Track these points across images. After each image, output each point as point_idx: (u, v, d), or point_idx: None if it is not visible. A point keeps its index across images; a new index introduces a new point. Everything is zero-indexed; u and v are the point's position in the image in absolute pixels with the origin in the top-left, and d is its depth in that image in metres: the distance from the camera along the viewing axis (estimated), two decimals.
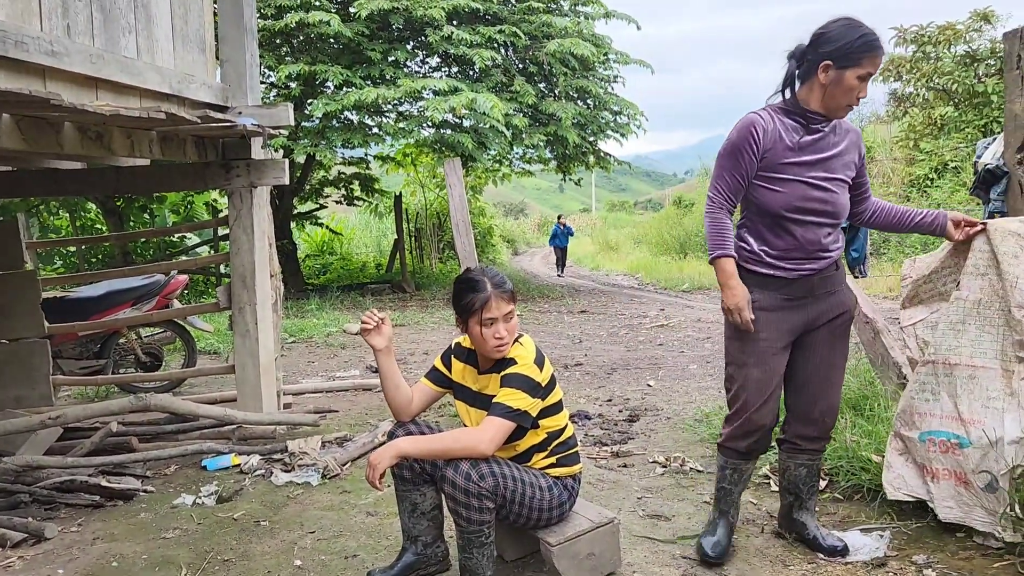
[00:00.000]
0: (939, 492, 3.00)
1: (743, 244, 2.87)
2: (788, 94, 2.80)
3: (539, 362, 2.71)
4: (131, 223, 12.81)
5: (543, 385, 2.68)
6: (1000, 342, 2.87)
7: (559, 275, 20.31)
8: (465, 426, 2.84)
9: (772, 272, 2.80)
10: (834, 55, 2.63)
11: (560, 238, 20.92)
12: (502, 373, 2.68)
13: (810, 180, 2.73)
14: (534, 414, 2.66)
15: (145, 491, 4.00)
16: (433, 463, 2.77)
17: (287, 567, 3.07)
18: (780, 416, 3.00)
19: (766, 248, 2.81)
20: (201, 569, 3.08)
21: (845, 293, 2.91)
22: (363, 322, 2.80)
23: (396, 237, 16.49)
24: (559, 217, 22.45)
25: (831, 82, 2.65)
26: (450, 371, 2.92)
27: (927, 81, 14.58)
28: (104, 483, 3.92)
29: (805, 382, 2.90)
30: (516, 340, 2.75)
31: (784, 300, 2.81)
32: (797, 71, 2.77)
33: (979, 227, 2.92)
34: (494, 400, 2.64)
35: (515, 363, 2.67)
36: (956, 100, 14.39)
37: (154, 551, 3.26)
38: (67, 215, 13.26)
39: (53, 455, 4.28)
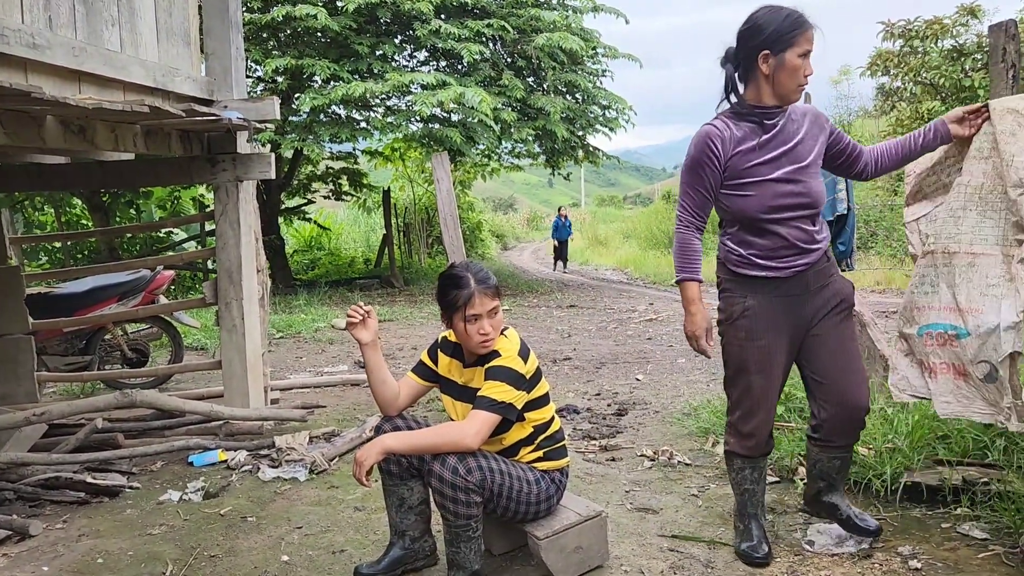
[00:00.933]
0: (937, 388, 2.94)
1: (730, 251, 2.84)
2: (734, 99, 2.77)
3: (523, 354, 2.70)
4: (117, 218, 12.71)
5: (528, 377, 2.68)
6: (1001, 227, 2.77)
7: (563, 271, 19.89)
8: (451, 420, 2.84)
9: (765, 273, 2.76)
10: (768, 43, 2.62)
11: (561, 230, 20.20)
12: (486, 366, 2.67)
13: (779, 176, 2.69)
14: (519, 406, 2.66)
15: (131, 487, 3.97)
16: (420, 457, 2.76)
17: (274, 563, 3.06)
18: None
19: (753, 251, 2.76)
20: (187, 565, 3.07)
21: (840, 282, 2.87)
22: (349, 316, 2.79)
23: (384, 232, 16.44)
24: (560, 209, 21.35)
25: (774, 69, 2.63)
26: (436, 365, 2.92)
27: (914, 75, 14.63)
28: (89, 480, 3.90)
29: (826, 377, 2.82)
30: (501, 333, 2.75)
31: (780, 299, 2.77)
32: (736, 74, 2.76)
33: (983, 112, 2.83)
34: (478, 393, 2.63)
35: (499, 356, 2.67)
36: (943, 94, 14.43)
37: (140, 547, 3.24)
38: (52, 211, 13.14)
39: (38, 452, 4.25)
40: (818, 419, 2.89)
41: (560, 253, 20.41)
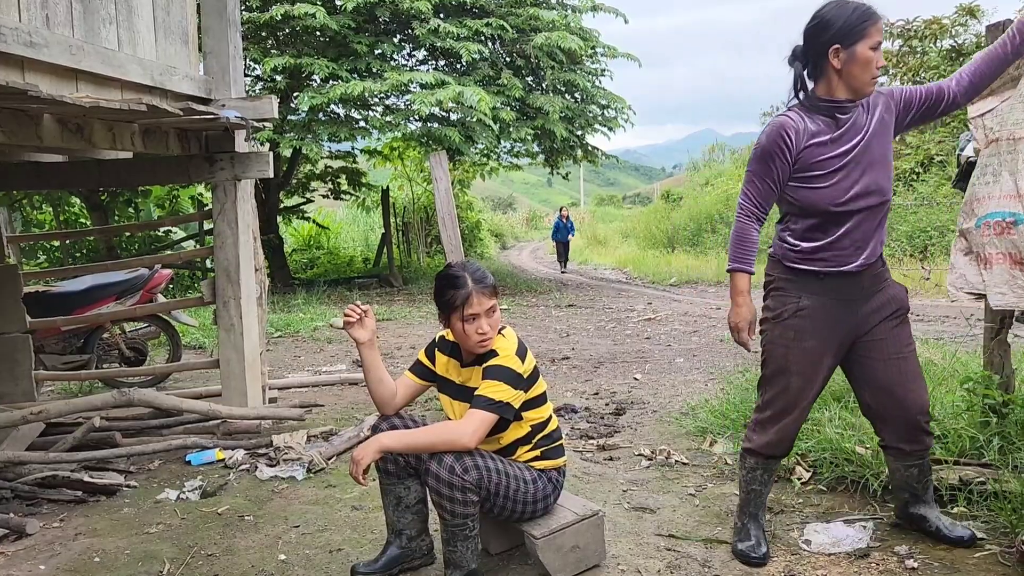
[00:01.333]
0: (992, 280, 2.91)
1: (790, 247, 2.78)
2: (804, 96, 2.74)
3: (521, 354, 2.70)
4: (115, 217, 12.70)
5: (525, 377, 2.68)
6: None
7: (562, 271, 19.60)
8: (449, 419, 2.83)
9: (826, 268, 2.71)
10: (838, 37, 2.58)
11: (562, 231, 19.90)
12: (484, 365, 2.67)
13: (851, 171, 2.65)
14: (517, 406, 2.66)
15: (128, 486, 3.97)
16: (417, 456, 2.76)
17: (271, 561, 3.06)
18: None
19: (817, 244, 2.71)
20: (184, 564, 3.06)
21: (895, 288, 2.81)
22: (346, 315, 2.79)
23: (383, 231, 16.44)
24: (561, 209, 20.84)
25: (845, 63, 2.59)
26: (434, 364, 2.92)
27: (913, 75, 14.66)
28: (87, 478, 3.89)
29: (885, 384, 2.78)
30: (499, 332, 2.75)
31: (835, 302, 2.73)
32: (805, 71, 2.72)
33: None
34: (476, 392, 2.63)
35: (496, 355, 2.67)
36: None
37: (137, 546, 3.24)
38: (51, 209, 13.14)
39: (35, 450, 4.25)
40: (882, 429, 2.87)
41: (562, 254, 20.15)
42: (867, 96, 2.68)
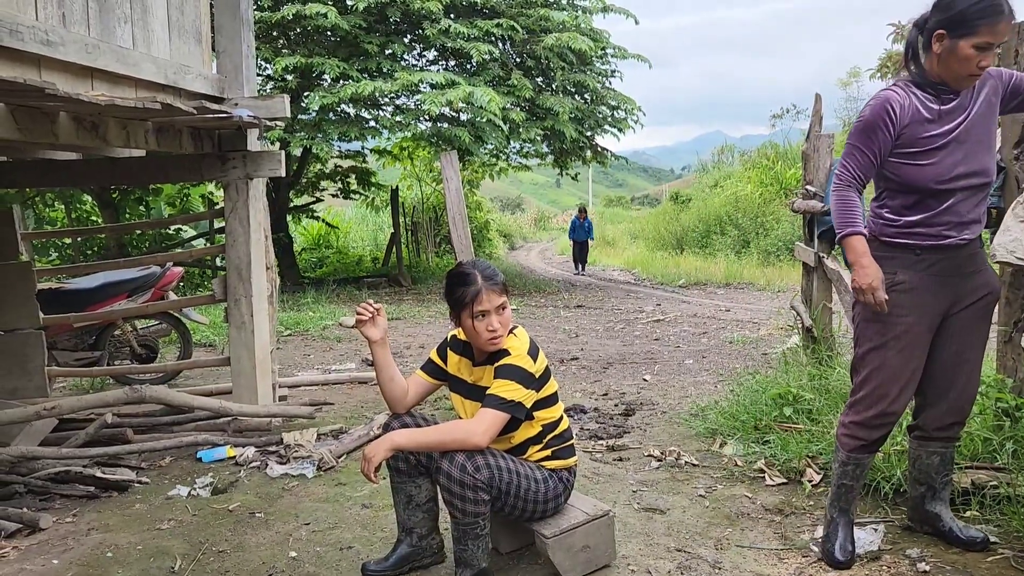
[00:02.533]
0: None
1: (887, 222, 2.75)
2: (914, 67, 2.70)
3: (533, 353, 2.70)
4: (127, 215, 12.75)
5: (537, 376, 2.68)
6: None
7: (578, 273, 18.70)
8: (460, 418, 2.84)
9: (925, 242, 2.68)
10: (948, 23, 2.52)
11: (579, 231, 18.97)
12: (496, 364, 2.68)
13: (953, 149, 2.61)
14: (528, 405, 2.66)
15: (140, 482, 3.99)
16: (429, 455, 2.77)
17: (282, 558, 3.07)
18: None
19: (916, 219, 2.68)
20: (196, 560, 3.08)
21: (990, 273, 2.78)
22: (358, 313, 2.79)
23: (392, 231, 16.45)
24: (581, 210, 19.54)
25: (944, 52, 2.55)
26: (446, 363, 2.92)
27: None
28: (99, 474, 3.92)
29: (943, 366, 2.77)
30: (510, 332, 2.75)
31: (931, 278, 2.70)
32: (919, 41, 2.67)
33: None
34: (488, 392, 2.64)
35: (508, 354, 2.67)
36: None
37: (149, 542, 3.26)
38: (63, 207, 13.19)
39: (48, 446, 4.27)
40: (922, 409, 2.85)
41: (578, 255, 19.24)
42: (961, 88, 2.63)
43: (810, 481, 3.61)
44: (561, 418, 2.86)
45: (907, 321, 2.71)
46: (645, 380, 6.34)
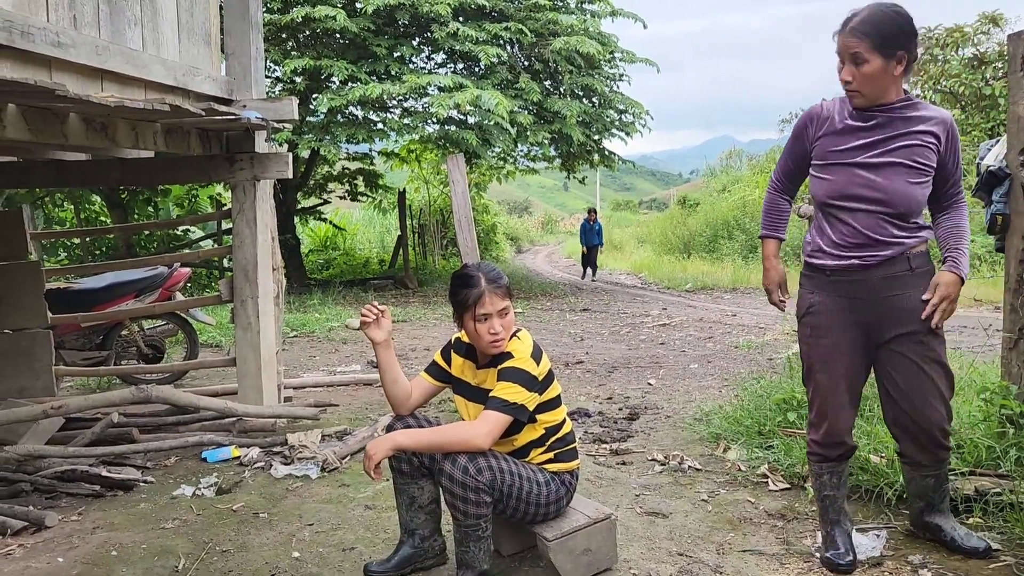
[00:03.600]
0: None
1: (808, 241, 2.88)
2: None
3: (536, 356, 2.71)
4: (135, 216, 12.83)
5: (540, 379, 2.69)
6: None
7: (592, 280, 17.80)
8: (463, 420, 2.85)
9: (833, 263, 2.73)
10: None
11: (590, 235, 18.01)
12: (499, 367, 2.69)
13: (856, 163, 2.66)
14: (531, 408, 2.67)
15: (145, 482, 4.01)
16: (431, 456, 2.78)
17: (285, 559, 3.09)
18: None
19: (822, 238, 2.78)
20: (200, 559, 3.10)
21: (917, 296, 2.70)
22: (363, 315, 2.81)
23: (399, 233, 16.50)
24: (590, 211, 18.65)
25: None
26: (450, 366, 2.93)
27: (934, 84, 14.56)
28: (105, 473, 3.94)
29: (903, 397, 2.77)
30: (514, 335, 2.76)
31: (843, 299, 2.75)
32: None
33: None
34: (491, 394, 2.65)
35: (512, 357, 2.68)
36: (963, 103, 14.35)
37: (153, 541, 3.28)
38: (72, 207, 13.28)
39: (55, 445, 4.30)
40: (900, 439, 2.89)
41: (588, 260, 18.26)
42: (854, 104, 2.68)
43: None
44: (564, 421, 2.87)
45: (825, 343, 2.80)
46: (650, 384, 6.34)
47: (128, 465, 4.22)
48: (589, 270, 18.26)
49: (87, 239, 12.64)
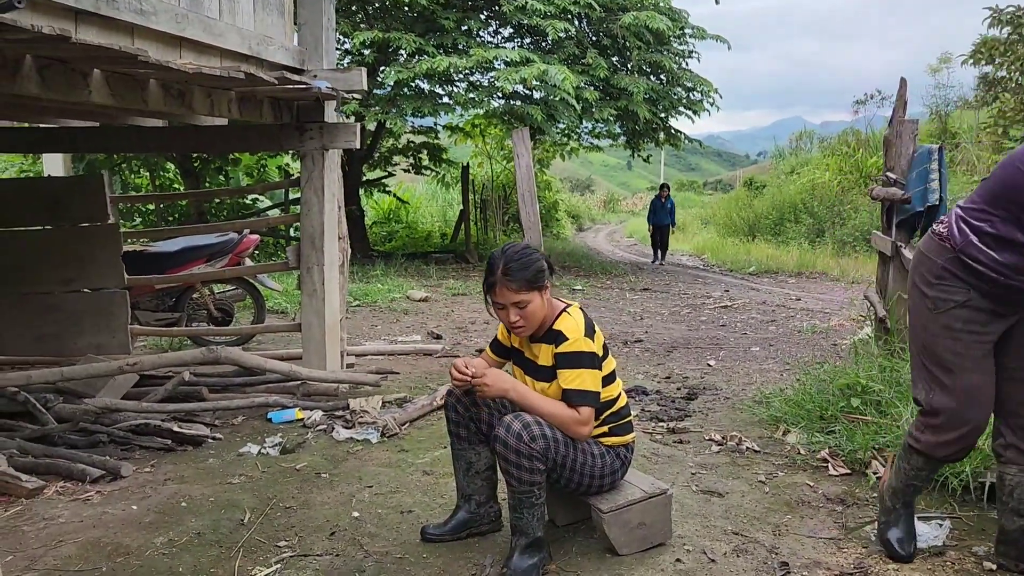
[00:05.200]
0: None
1: (983, 249, 2.46)
2: None
3: (590, 333, 2.72)
4: (207, 183, 13.17)
5: (599, 355, 2.71)
6: None
7: (660, 262, 16.63)
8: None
9: (1014, 283, 2.44)
10: None
11: (660, 214, 16.54)
12: (557, 350, 2.69)
13: None
14: (601, 387, 2.70)
15: (214, 438, 4.16)
16: (489, 424, 2.82)
17: (345, 518, 3.18)
18: None
19: (1006, 253, 2.42)
20: (263, 514, 3.21)
21: None
22: (457, 383, 2.74)
23: (462, 208, 16.57)
24: (662, 187, 17.21)
25: None
26: (510, 336, 2.96)
27: (1022, 65, 13.89)
28: (176, 429, 4.10)
29: (1013, 380, 2.56)
30: (564, 311, 2.76)
31: (1003, 302, 2.51)
32: None
33: None
34: (567, 387, 2.65)
35: (567, 339, 2.67)
36: None
37: (220, 494, 3.41)
38: (147, 174, 13.71)
39: (129, 400, 4.49)
40: (1003, 423, 2.63)
41: (658, 241, 16.78)
42: None
43: (875, 473, 3.53)
44: (619, 395, 2.87)
45: (982, 340, 2.54)
46: (709, 365, 6.28)
47: (197, 422, 4.38)
48: (659, 252, 16.91)
49: (161, 205, 13.05)
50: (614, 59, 13.87)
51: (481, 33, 13.51)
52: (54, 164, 6.71)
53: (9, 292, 5.38)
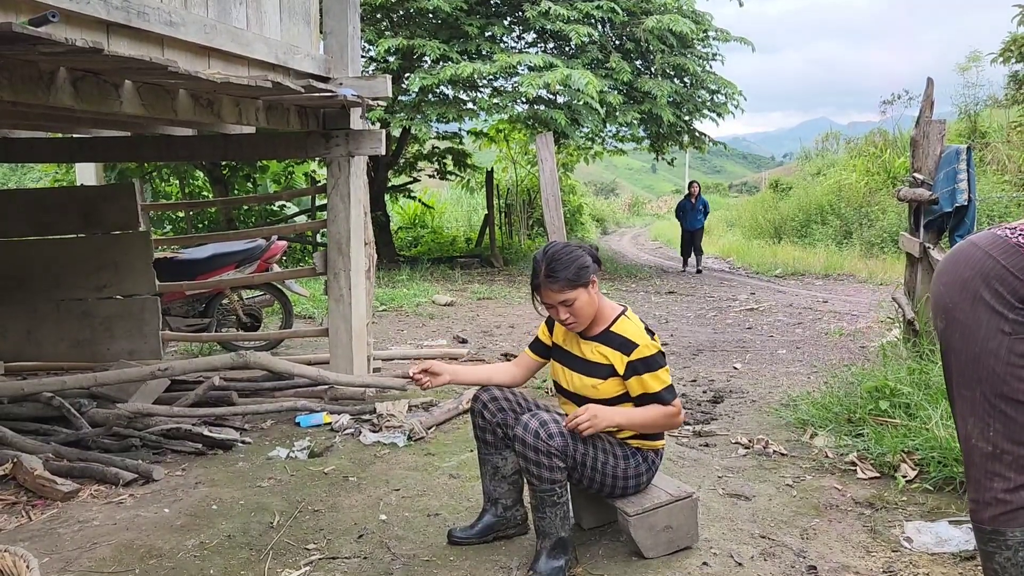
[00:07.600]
0: None
1: None
2: None
3: (651, 333, 2.79)
4: (235, 191, 13.35)
5: (664, 353, 2.80)
6: None
7: (697, 270, 15.12)
8: (556, 383, 2.91)
9: None
10: None
11: (690, 216, 14.91)
12: (631, 359, 2.70)
13: None
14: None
15: (243, 442, 4.22)
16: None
17: (373, 520, 3.21)
18: None
19: None
20: (293, 517, 3.25)
21: None
22: (416, 383, 2.87)
23: (486, 212, 16.63)
24: (691, 185, 15.60)
25: None
26: (552, 334, 2.97)
27: None
28: (206, 432, 4.16)
29: None
30: (622, 314, 2.80)
31: None
32: None
33: None
34: (658, 389, 2.70)
35: (636, 345, 2.71)
36: None
37: (250, 497, 3.46)
38: (177, 182, 13.92)
39: (161, 404, 4.57)
40: None
41: (690, 246, 15.20)
42: None
43: (904, 476, 3.51)
44: None
45: None
46: (735, 368, 6.25)
47: (227, 426, 4.44)
48: (692, 258, 15.26)
49: (191, 212, 13.24)
50: (637, 63, 13.84)
51: (505, 39, 13.55)
52: (87, 173, 6.84)
53: (46, 299, 5.50)
